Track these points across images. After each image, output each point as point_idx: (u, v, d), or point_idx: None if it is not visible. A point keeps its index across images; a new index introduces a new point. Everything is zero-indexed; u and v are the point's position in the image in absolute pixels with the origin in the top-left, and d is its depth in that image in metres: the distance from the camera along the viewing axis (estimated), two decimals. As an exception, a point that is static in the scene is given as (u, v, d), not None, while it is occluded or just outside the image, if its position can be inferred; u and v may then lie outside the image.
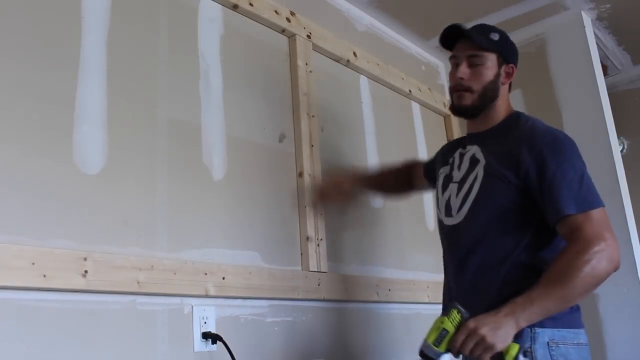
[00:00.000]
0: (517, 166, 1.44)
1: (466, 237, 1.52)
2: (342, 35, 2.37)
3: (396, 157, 2.50)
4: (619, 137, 2.99)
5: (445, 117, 2.90)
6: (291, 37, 2.10)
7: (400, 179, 2.01)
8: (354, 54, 2.37)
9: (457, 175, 1.60)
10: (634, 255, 2.43)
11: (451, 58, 1.62)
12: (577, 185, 1.39)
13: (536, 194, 1.42)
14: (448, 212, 1.59)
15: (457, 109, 1.59)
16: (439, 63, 3.03)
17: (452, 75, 1.60)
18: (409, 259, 2.36)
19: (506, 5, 2.67)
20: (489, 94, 1.55)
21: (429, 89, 2.80)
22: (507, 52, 1.58)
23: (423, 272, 2.39)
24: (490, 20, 2.75)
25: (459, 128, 2.87)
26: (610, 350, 2.37)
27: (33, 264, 1.20)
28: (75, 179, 1.36)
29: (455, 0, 2.59)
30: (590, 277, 1.31)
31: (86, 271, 1.28)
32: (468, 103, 1.55)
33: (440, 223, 1.65)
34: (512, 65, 1.59)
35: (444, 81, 3.01)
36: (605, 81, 2.75)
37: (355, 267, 2.09)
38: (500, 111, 1.58)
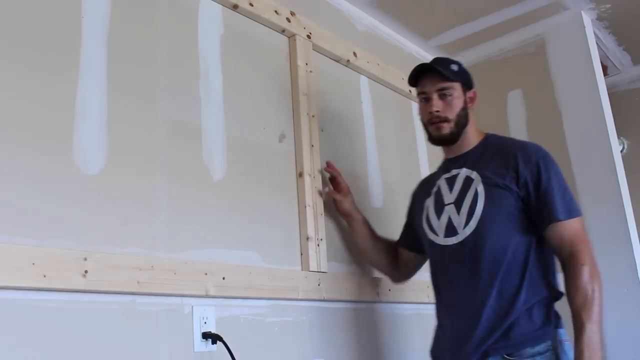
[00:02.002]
0: (516, 176, 1.61)
1: (484, 246, 1.60)
2: (342, 35, 2.37)
3: (396, 157, 2.51)
4: (619, 137, 2.99)
5: (445, 117, 2.89)
6: (291, 37, 2.10)
7: (388, 249, 2.00)
8: (354, 54, 2.37)
9: (451, 197, 1.70)
10: (634, 255, 2.43)
11: (420, 94, 1.75)
12: (563, 195, 1.60)
13: (532, 201, 1.60)
14: (450, 232, 1.67)
15: (437, 139, 1.74)
16: (439, 63, 3.02)
17: (424, 109, 1.74)
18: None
19: (506, 5, 2.66)
20: (462, 121, 1.71)
21: (429, 89, 2.80)
22: (467, 80, 1.75)
23: (423, 272, 2.38)
24: (491, 20, 2.76)
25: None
26: (610, 350, 2.36)
27: (33, 264, 1.20)
28: (75, 179, 1.36)
29: (455, 0, 2.59)
30: (599, 289, 1.53)
31: (86, 271, 1.28)
32: (447, 132, 1.70)
33: (435, 247, 1.72)
34: (473, 90, 1.76)
35: (444, 81, 3.00)
36: (605, 81, 2.75)
37: (355, 267, 2.08)
38: (472, 133, 1.75)
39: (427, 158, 2.68)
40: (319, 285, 1.86)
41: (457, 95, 1.70)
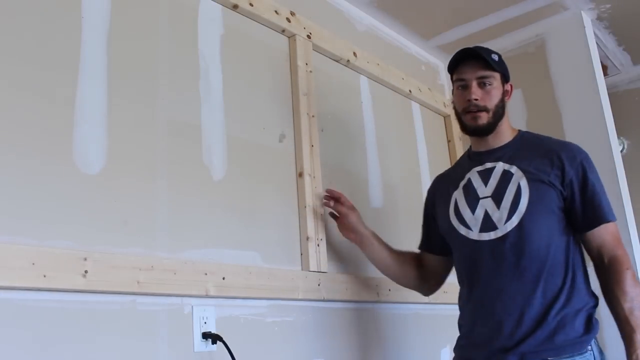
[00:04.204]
0: (561, 174, 1.58)
1: (528, 242, 1.55)
2: (342, 35, 2.37)
3: (396, 157, 2.51)
4: (619, 137, 2.99)
5: (445, 117, 2.90)
6: (291, 37, 2.10)
7: (408, 262, 1.90)
8: (354, 54, 2.37)
9: (486, 190, 1.64)
10: (634, 255, 2.43)
11: (457, 81, 1.69)
12: (606, 197, 1.59)
13: (576, 201, 1.57)
14: (487, 227, 1.60)
15: (473, 129, 1.67)
16: (439, 63, 3.02)
17: (461, 97, 1.67)
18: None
19: (506, 5, 2.66)
20: (499, 112, 1.66)
21: (429, 89, 2.80)
22: (506, 71, 1.70)
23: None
24: (491, 20, 2.76)
25: (458, 128, 2.87)
26: (610, 350, 2.36)
27: (33, 264, 1.20)
28: (75, 179, 1.36)
29: (455, 0, 2.59)
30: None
31: (86, 271, 1.28)
32: (484, 122, 1.64)
33: (466, 242, 1.64)
34: (510, 83, 1.71)
35: (444, 81, 3.01)
36: (605, 81, 2.75)
37: (355, 267, 2.08)
38: (506, 127, 1.70)
39: (427, 158, 2.68)
40: (319, 285, 1.86)
41: (496, 86, 1.65)
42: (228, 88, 1.80)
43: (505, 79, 1.69)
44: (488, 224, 1.60)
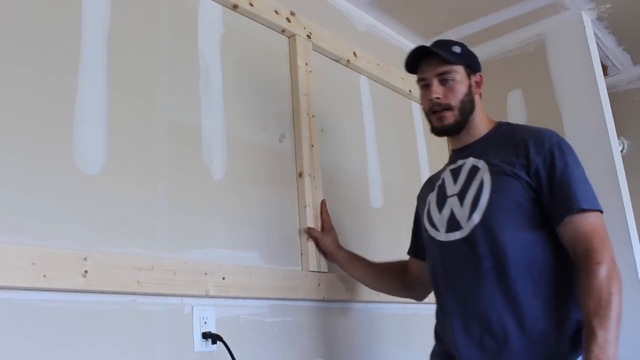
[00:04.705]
0: (526, 164, 1.43)
1: (490, 240, 1.41)
2: (342, 35, 2.37)
3: (396, 157, 2.51)
4: (619, 137, 3.00)
5: (445, 117, 2.89)
6: (291, 37, 2.10)
7: (393, 272, 1.84)
8: (354, 54, 2.37)
9: (454, 188, 1.53)
10: (634, 255, 2.43)
11: (419, 80, 1.59)
12: (582, 185, 1.41)
13: (544, 192, 1.41)
14: (452, 227, 1.49)
15: (440, 130, 1.57)
16: (439, 63, 3.02)
17: (424, 97, 1.58)
18: (409, 259, 2.36)
19: (506, 5, 2.67)
20: (467, 107, 1.54)
21: (429, 89, 2.80)
22: (472, 62, 1.58)
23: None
24: (491, 20, 2.76)
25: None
26: (610, 350, 2.36)
27: (33, 264, 1.20)
28: (75, 179, 1.36)
29: (455, 0, 2.59)
30: (618, 294, 1.33)
31: (86, 271, 1.28)
32: (451, 122, 1.54)
33: (435, 244, 1.54)
34: (479, 74, 1.59)
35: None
36: (605, 81, 2.75)
37: (355, 267, 2.08)
38: (480, 121, 1.58)
39: (427, 158, 2.68)
40: (319, 285, 1.86)
41: (460, 80, 1.53)
42: (228, 88, 1.80)
43: (472, 70, 1.57)
44: (453, 223, 1.49)
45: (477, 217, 1.44)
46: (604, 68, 3.17)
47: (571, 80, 2.69)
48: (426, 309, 2.27)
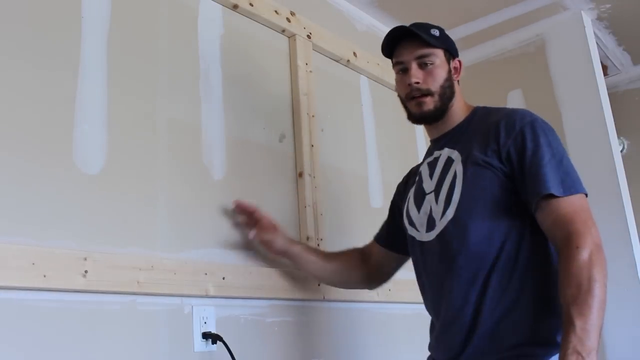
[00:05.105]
0: (497, 149, 1.34)
1: (463, 237, 1.33)
2: (342, 35, 2.37)
3: (396, 157, 2.50)
4: (619, 137, 3.00)
5: (445, 117, 2.90)
6: (291, 37, 2.10)
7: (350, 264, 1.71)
8: (354, 54, 2.37)
9: (431, 184, 1.45)
10: (634, 255, 2.43)
11: (396, 64, 1.50)
12: (557, 167, 1.28)
13: (517, 177, 1.31)
14: (431, 225, 1.41)
15: (419, 117, 1.48)
16: (439, 63, 3.02)
17: (401, 82, 1.49)
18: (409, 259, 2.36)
19: (506, 5, 2.67)
20: (447, 93, 1.45)
21: (429, 89, 2.80)
22: (451, 46, 1.50)
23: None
24: (491, 20, 2.76)
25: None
26: (610, 350, 2.36)
27: (33, 264, 1.20)
28: (75, 179, 1.36)
29: (456, 1, 2.59)
30: (601, 280, 1.18)
31: (86, 271, 1.28)
32: (431, 108, 1.44)
33: (415, 245, 1.47)
34: (457, 59, 1.52)
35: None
36: (605, 81, 2.75)
37: (355, 267, 2.08)
38: (459, 108, 1.49)
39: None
40: (319, 285, 1.86)
41: (439, 64, 1.44)
42: (228, 88, 1.80)
43: (451, 55, 1.49)
44: (431, 222, 1.41)
45: (450, 213, 1.36)
46: (604, 68, 3.17)
47: (571, 80, 2.69)
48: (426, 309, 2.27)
